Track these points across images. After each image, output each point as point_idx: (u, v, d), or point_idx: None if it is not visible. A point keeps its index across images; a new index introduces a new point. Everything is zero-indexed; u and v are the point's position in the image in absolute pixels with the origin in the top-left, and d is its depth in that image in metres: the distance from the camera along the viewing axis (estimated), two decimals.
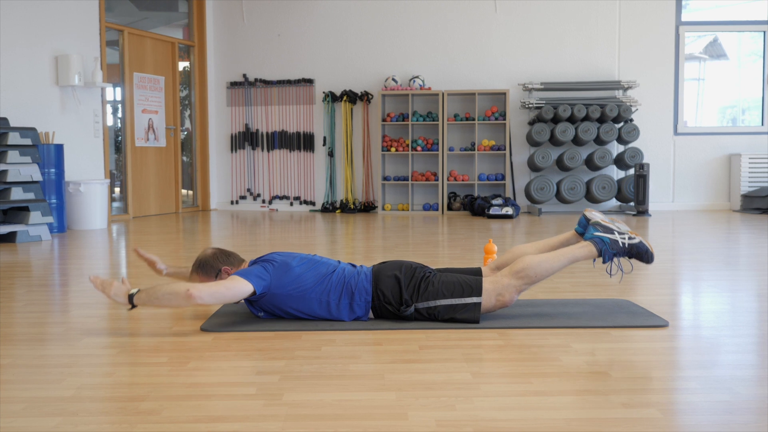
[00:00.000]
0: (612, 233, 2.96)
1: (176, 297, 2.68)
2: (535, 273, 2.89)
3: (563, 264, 2.94)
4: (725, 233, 6.46)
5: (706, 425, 1.84)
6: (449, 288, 2.89)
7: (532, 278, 2.90)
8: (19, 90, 6.76)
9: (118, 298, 2.74)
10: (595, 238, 2.96)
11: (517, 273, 2.89)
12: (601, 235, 2.95)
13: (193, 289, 2.67)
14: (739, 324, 2.97)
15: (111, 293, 2.74)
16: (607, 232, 2.97)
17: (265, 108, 9.47)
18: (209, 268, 2.98)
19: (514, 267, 2.91)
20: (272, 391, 2.12)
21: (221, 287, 2.73)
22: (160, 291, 2.69)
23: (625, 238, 2.94)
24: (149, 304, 2.72)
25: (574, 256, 2.95)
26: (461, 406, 1.98)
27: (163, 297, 2.69)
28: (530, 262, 2.90)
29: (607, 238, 2.94)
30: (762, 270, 4.27)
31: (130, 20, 8.57)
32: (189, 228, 7.35)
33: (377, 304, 2.92)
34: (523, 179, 9.05)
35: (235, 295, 2.77)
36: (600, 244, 2.94)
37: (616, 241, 2.94)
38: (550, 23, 8.96)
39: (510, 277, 2.90)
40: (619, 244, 2.94)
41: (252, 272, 2.83)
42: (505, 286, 2.89)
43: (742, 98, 9.42)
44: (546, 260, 2.91)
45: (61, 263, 5.00)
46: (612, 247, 2.93)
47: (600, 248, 2.93)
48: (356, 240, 6.26)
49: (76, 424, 1.87)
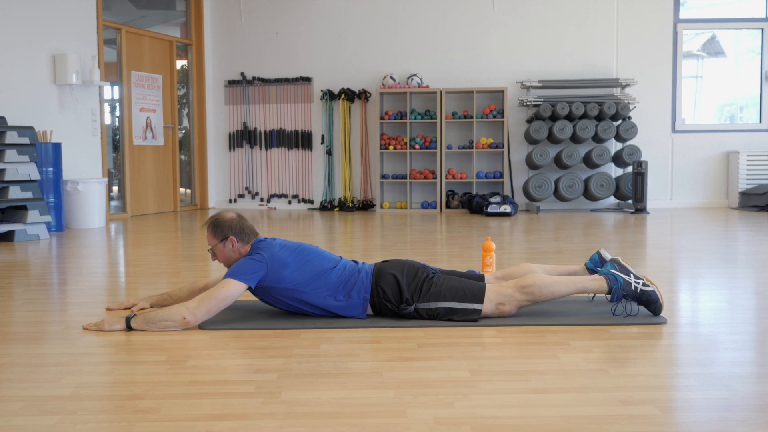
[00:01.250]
0: (628, 275, 2.94)
1: (173, 324, 2.80)
2: (540, 293, 2.90)
3: (571, 291, 2.93)
4: (723, 231, 6.46)
5: (704, 422, 1.84)
6: (452, 292, 2.90)
7: (536, 297, 2.91)
8: (16, 89, 6.75)
9: (115, 327, 2.82)
10: (610, 275, 2.94)
11: (522, 288, 2.90)
12: (616, 273, 2.93)
13: (189, 315, 2.78)
14: (737, 321, 2.98)
15: (107, 327, 2.83)
16: (623, 272, 2.95)
17: (263, 106, 9.46)
18: (219, 231, 3.00)
19: (522, 282, 2.92)
20: (270, 389, 2.12)
21: (212, 301, 2.80)
22: (156, 317, 2.81)
23: (639, 284, 2.91)
24: (146, 328, 2.81)
25: (584, 286, 2.94)
26: (460, 403, 1.98)
27: (160, 323, 2.80)
28: (539, 281, 2.90)
29: (621, 278, 2.92)
30: (760, 267, 4.27)
31: (128, 19, 8.56)
32: (187, 227, 7.34)
33: (377, 301, 2.92)
34: (521, 177, 9.06)
35: (229, 301, 2.84)
36: (613, 282, 2.92)
37: (629, 283, 2.91)
38: (548, 21, 8.95)
39: (515, 290, 2.91)
40: (631, 287, 2.91)
41: (244, 270, 2.85)
42: (508, 297, 2.90)
43: (740, 96, 9.43)
44: (555, 283, 2.91)
45: (60, 262, 4.99)
46: (624, 288, 2.90)
47: (611, 286, 2.91)
48: (355, 238, 6.26)
49: (74, 423, 1.87)
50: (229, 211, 3.09)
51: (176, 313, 2.78)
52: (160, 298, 3.26)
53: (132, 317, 2.81)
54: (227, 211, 3.08)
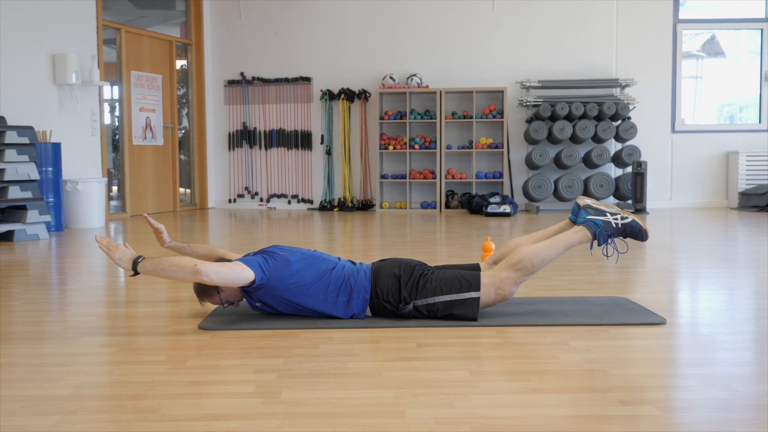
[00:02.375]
0: (604, 215, 2.95)
1: (182, 270, 2.68)
2: (532, 263, 2.89)
3: (559, 251, 2.94)
4: (723, 231, 6.47)
5: (703, 422, 1.84)
6: (447, 284, 2.89)
7: (529, 269, 2.90)
8: (16, 89, 6.74)
9: (122, 263, 2.71)
10: (588, 222, 2.95)
11: (514, 265, 2.89)
12: (593, 218, 2.95)
13: (201, 265, 2.68)
14: (737, 321, 2.98)
15: (115, 256, 2.71)
16: (599, 214, 2.97)
17: (262, 106, 9.46)
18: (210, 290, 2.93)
19: (511, 259, 2.91)
20: (270, 389, 2.12)
21: (226, 268, 2.74)
22: (167, 262, 2.69)
23: (618, 219, 2.94)
24: (153, 273, 2.70)
25: (569, 241, 2.95)
26: (459, 403, 1.98)
27: (170, 268, 2.68)
28: (526, 252, 2.90)
29: (599, 220, 2.94)
30: (759, 267, 4.27)
31: (128, 19, 8.56)
32: (187, 227, 7.34)
33: (375, 302, 2.92)
34: (520, 177, 9.06)
35: (239, 277, 2.77)
36: (593, 227, 2.94)
37: (608, 222, 2.93)
38: (547, 21, 8.95)
39: (508, 270, 2.90)
40: (612, 225, 2.93)
41: (254, 261, 2.84)
42: (504, 279, 2.89)
43: (740, 96, 9.43)
44: (542, 249, 2.91)
45: (59, 262, 4.99)
46: (605, 228, 2.93)
47: (594, 231, 2.93)
48: (354, 238, 6.26)
49: (74, 423, 1.87)
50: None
51: (189, 261, 2.69)
52: (179, 245, 3.24)
53: (140, 261, 2.70)
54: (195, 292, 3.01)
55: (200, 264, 2.68)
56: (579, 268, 4.21)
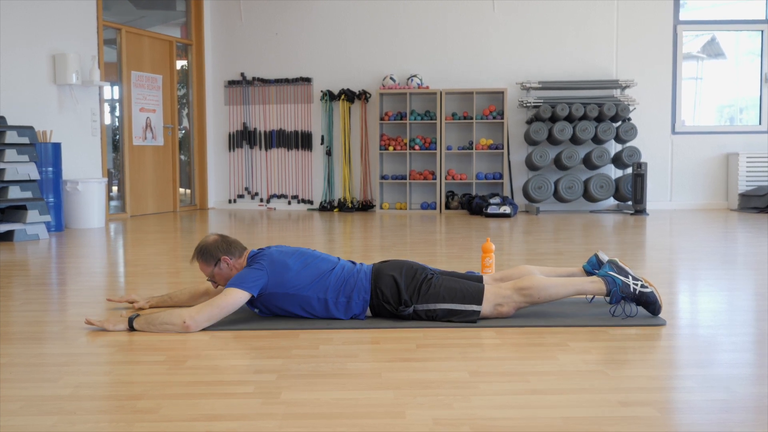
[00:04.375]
0: (626, 276, 2.94)
1: (173, 327, 2.79)
2: (539, 295, 2.90)
3: (569, 293, 2.94)
4: (723, 232, 6.47)
5: (703, 424, 1.84)
6: (451, 293, 2.89)
7: (534, 299, 2.91)
8: (16, 89, 6.74)
9: (119, 327, 2.83)
10: (608, 277, 2.94)
11: (521, 289, 2.90)
12: (614, 275, 2.94)
13: (189, 320, 2.77)
14: (736, 323, 2.98)
15: (110, 328, 2.83)
16: (621, 273, 2.95)
17: (262, 107, 9.46)
18: (209, 256, 2.99)
19: (520, 284, 2.92)
20: (270, 389, 2.12)
21: (215, 309, 2.80)
22: (158, 319, 2.81)
23: (638, 285, 2.91)
24: (147, 330, 2.81)
25: (583, 288, 2.94)
26: (458, 404, 1.98)
27: (161, 326, 2.80)
28: (538, 282, 2.90)
29: (619, 280, 2.92)
30: (759, 269, 4.27)
31: (128, 19, 8.56)
32: (187, 227, 7.34)
33: (375, 303, 2.92)
34: (521, 178, 9.06)
35: (231, 309, 2.84)
36: (611, 284, 2.92)
37: (628, 285, 2.91)
38: (548, 22, 8.95)
39: (513, 291, 2.91)
40: (630, 289, 2.91)
41: (245, 279, 2.84)
42: (506, 298, 2.90)
43: (740, 97, 9.43)
44: (553, 285, 2.91)
45: (59, 262, 4.99)
46: (622, 290, 2.91)
47: (610, 288, 2.91)
48: (354, 239, 6.25)
49: (73, 423, 1.87)
50: (209, 235, 3.08)
51: (177, 317, 2.77)
52: (161, 299, 3.25)
53: (135, 318, 2.82)
54: (208, 236, 3.07)
55: (188, 319, 2.77)
56: None
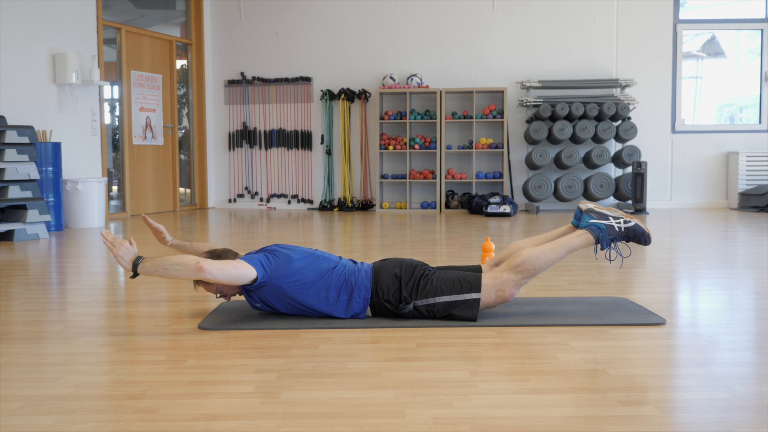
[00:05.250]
0: (607, 219, 2.96)
1: (185, 268, 2.64)
2: (533, 266, 2.89)
3: (561, 254, 2.94)
4: (723, 231, 6.46)
5: (703, 423, 1.84)
6: (448, 285, 2.89)
7: (531, 271, 2.90)
8: (16, 88, 6.74)
9: (124, 261, 2.67)
10: (591, 225, 2.96)
11: (515, 267, 2.90)
12: (596, 222, 2.95)
13: (204, 262, 2.65)
14: (737, 322, 2.97)
15: (119, 253, 2.67)
16: (601, 218, 2.97)
17: (262, 106, 9.46)
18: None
19: (513, 261, 2.91)
20: (270, 389, 2.12)
21: (229, 265, 2.73)
22: (168, 261, 2.65)
23: (621, 222, 2.94)
24: (155, 273, 2.66)
25: (572, 245, 2.95)
26: (459, 404, 1.98)
27: (171, 267, 2.64)
28: (528, 255, 2.90)
29: (602, 224, 2.94)
30: (759, 268, 4.27)
31: (128, 18, 8.56)
32: (187, 226, 7.34)
33: (376, 302, 2.92)
34: (520, 177, 9.06)
35: (241, 275, 2.76)
36: (596, 231, 2.94)
37: (611, 226, 2.93)
38: (547, 21, 8.95)
39: (509, 272, 2.90)
40: (615, 229, 2.93)
41: (255, 259, 2.84)
42: (505, 281, 2.89)
43: (740, 96, 9.43)
44: (544, 252, 2.91)
45: (59, 261, 4.99)
46: (608, 232, 2.93)
47: (597, 235, 2.93)
48: (354, 238, 6.25)
49: (73, 423, 1.87)
50: None
51: (191, 259, 2.66)
52: (181, 243, 3.22)
53: (140, 262, 2.66)
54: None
55: (203, 261, 2.65)
56: (579, 269, 4.21)
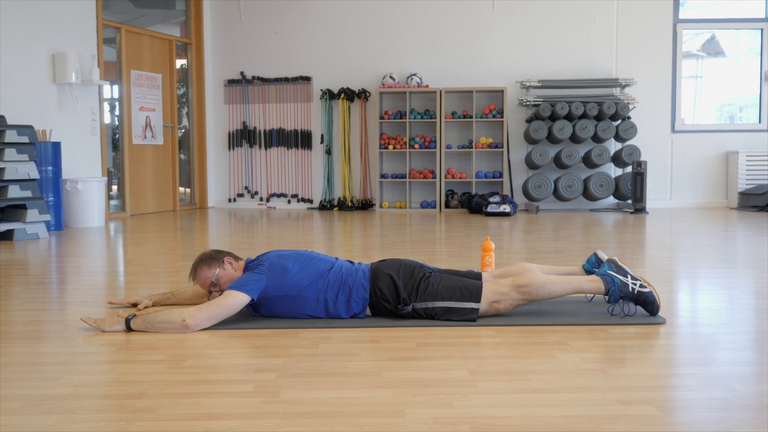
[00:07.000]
0: (625, 276, 2.94)
1: (172, 326, 2.76)
2: (537, 292, 2.90)
3: (567, 291, 2.94)
4: (722, 231, 6.46)
5: (703, 422, 1.84)
6: (449, 291, 2.89)
7: (532, 296, 2.91)
8: (16, 88, 6.74)
9: (115, 328, 2.80)
10: (607, 276, 2.94)
11: (519, 287, 2.90)
12: (613, 275, 2.94)
13: (189, 318, 2.74)
14: (737, 321, 2.97)
15: (106, 328, 2.80)
16: (620, 273, 2.95)
17: (262, 106, 9.46)
18: (212, 260, 3.02)
19: (518, 281, 2.92)
20: (269, 388, 2.12)
21: (215, 308, 2.79)
22: (157, 318, 2.77)
23: (636, 285, 2.91)
24: (145, 330, 2.78)
25: (581, 287, 2.94)
26: (458, 403, 1.98)
27: (159, 325, 2.77)
28: (535, 280, 2.91)
29: (618, 279, 2.92)
30: (759, 267, 4.27)
31: (128, 18, 8.56)
32: (187, 226, 7.34)
33: (375, 302, 2.92)
34: (520, 177, 9.06)
35: (232, 310, 2.82)
36: (610, 283, 2.92)
37: (626, 284, 2.91)
38: (547, 21, 8.95)
39: (511, 289, 2.91)
40: (628, 288, 2.91)
41: (247, 283, 2.85)
42: (504, 294, 2.90)
43: (740, 96, 9.43)
44: (551, 283, 2.91)
45: (59, 261, 4.99)
46: (621, 289, 2.91)
47: (609, 287, 2.92)
48: (354, 238, 6.25)
49: (73, 422, 1.87)
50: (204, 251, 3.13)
51: (177, 316, 2.76)
52: (163, 297, 3.25)
53: (132, 318, 2.79)
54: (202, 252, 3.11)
55: (188, 318, 2.74)
56: None
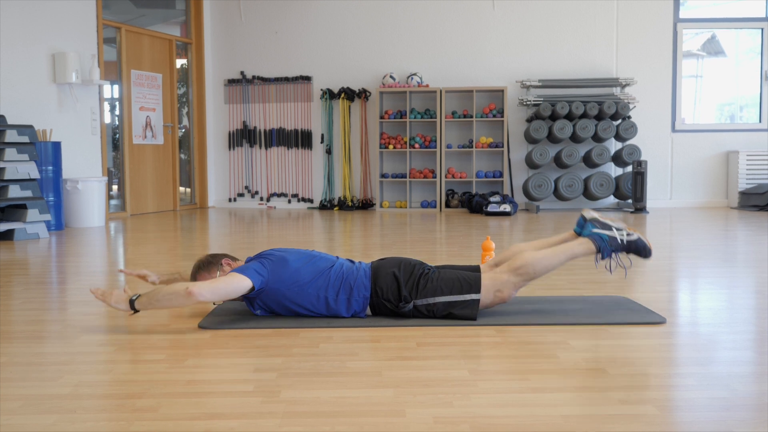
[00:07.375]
0: (610, 230, 2.97)
1: (177, 296, 2.69)
2: (533, 269, 2.90)
3: (561, 261, 2.95)
4: (723, 230, 6.46)
5: (703, 422, 1.84)
6: (448, 285, 2.89)
7: (530, 275, 2.91)
8: (16, 87, 6.74)
9: (120, 306, 2.75)
10: (594, 235, 2.97)
11: (515, 270, 2.91)
12: (599, 231, 2.96)
13: (193, 286, 2.68)
14: (737, 321, 2.97)
15: (112, 302, 2.76)
16: (605, 228, 2.98)
17: (262, 105, 9.46)
18: (210, 264, 3.04)
19: (513, 264, 2.92)
20: (270, 388, 2.12)
21: (220, 283, 2.75)
22: (161, 293, 2.71)
23: (623, 235, 2.95)
24: (150, 307, 2.74)
25: (573, 252, 2.96)
26: (459, 403, 1.98)
27: (164, 298, 2.70)
28: (529, 258, 2.91)
29: (605, 234, 2.95)
30: (759, 267, 4.27)
31: (128, 17, 8.56)
32: (187, 226, 7.34)
33: (375, 301, 2.92)
34: (521, 176, 9.06)
35: (235, 290, 2.78)
36: (598, 240, 2.95)
37: (614, 237, 2.95)
38: (547, 20, 8.95)
39: (509, 274, 2.91)
40: (617, 241, 2.94)
41: (250, 268, 2.84)
42: (504, 282, 2.90)
43: (740, 95, 9.42)
44: (544, 257, 2.92)
45: (59, 261, 4.99)
46: (610, 243, 2.94)
47: (598, 245, 2.94)
48: (354, 237, 6.25)
49: (73, 422, 1.87)
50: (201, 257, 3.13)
51: (181, 286, 2.70)
52: (170, 277, 3.23)
53: (136, 299, 2.73)
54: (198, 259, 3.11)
55: (192, 285, 2.69)
56: (579, 268, 4.20)
